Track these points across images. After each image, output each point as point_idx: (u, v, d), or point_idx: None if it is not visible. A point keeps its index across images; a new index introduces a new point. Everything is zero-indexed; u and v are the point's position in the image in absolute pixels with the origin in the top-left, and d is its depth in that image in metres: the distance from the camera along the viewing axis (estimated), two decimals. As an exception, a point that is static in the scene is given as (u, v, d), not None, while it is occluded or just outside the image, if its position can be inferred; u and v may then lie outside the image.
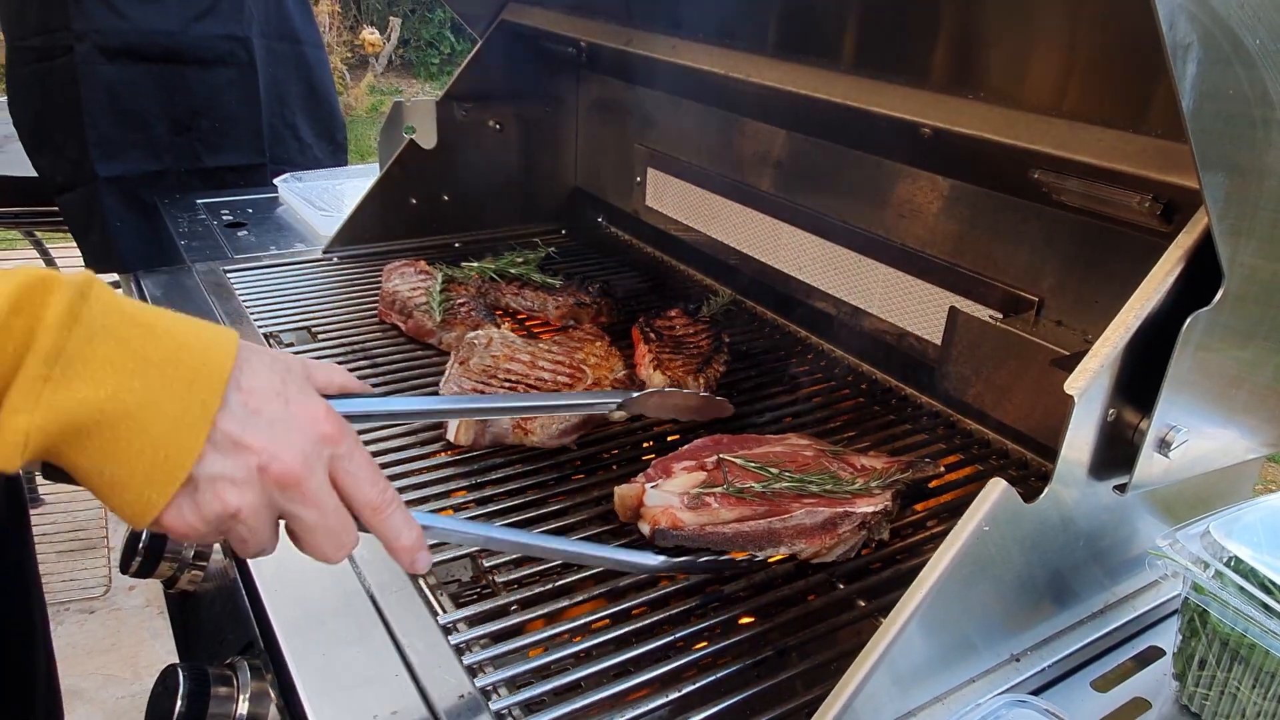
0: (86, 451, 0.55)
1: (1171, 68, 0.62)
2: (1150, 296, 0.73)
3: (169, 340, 0.57)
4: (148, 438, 0.55)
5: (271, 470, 0.60)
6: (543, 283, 1.58)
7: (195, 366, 0.58)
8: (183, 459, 0.57)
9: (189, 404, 0.57)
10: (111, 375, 0.54)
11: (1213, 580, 0.78)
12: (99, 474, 0.56)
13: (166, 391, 0.56)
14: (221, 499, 0.59)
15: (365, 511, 0.67)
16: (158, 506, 0.57)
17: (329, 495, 0.65)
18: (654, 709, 0.79)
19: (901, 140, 1.11)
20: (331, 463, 0.64)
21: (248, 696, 0.87)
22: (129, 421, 0.55)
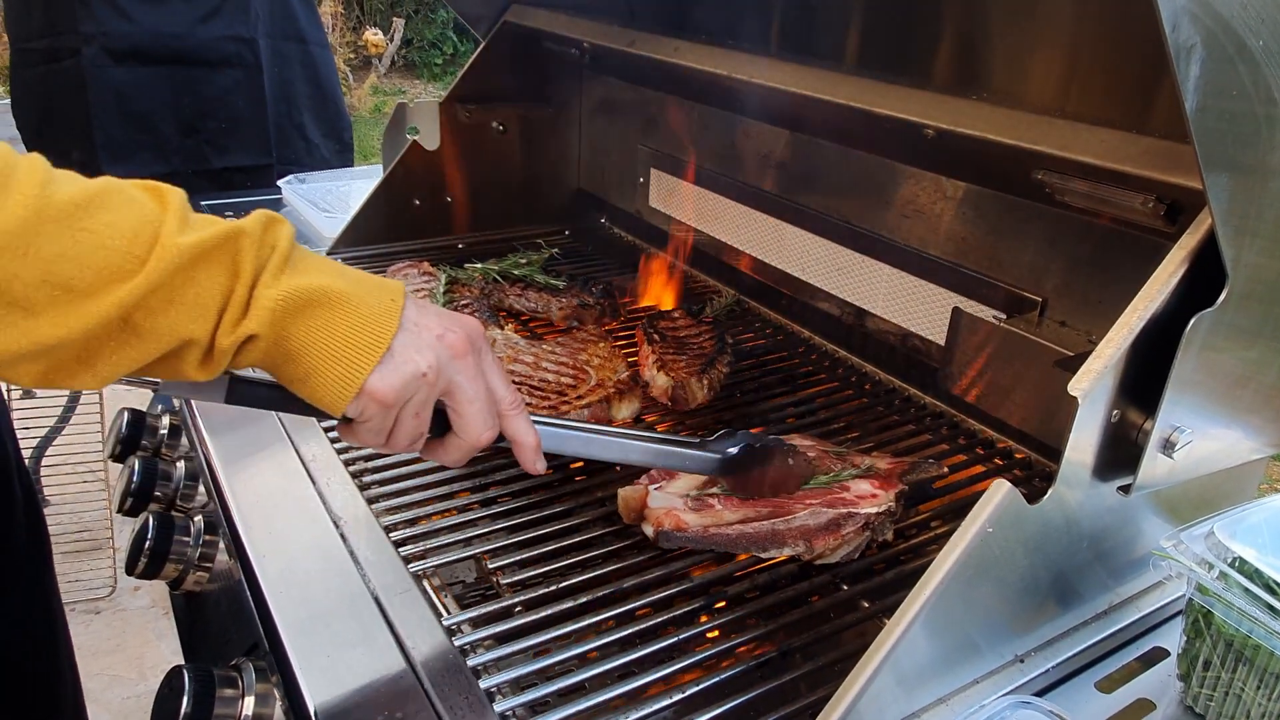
0: (313, 325, 0.69)
1: (1175, 69, 0.62)
2: (1154, 297, 0.73)
3: (350, 269, 0.75)
4: (358, 315, 0.71)
5: (447, 339, 0.75)
6: (546, 284, 1.59)
7: (379, 281, 0.75)
8: (386, 329, 0.72)
9: (382, 298, 0.73)
10: (324, 275, 0.71)
11: (1217, 581, 0.78)
12: (319, 346, 0.70)
13: (364, 289, 0.72)
14: (414, 360, 0.73)
15: (503, 405, 0.81)
16: (366, 370, 0.71)
17: (481, 375, 0.79)
18: (658, 710, 0.79)
19: (904, 141, 1.11)
20: (480, 355, 0.79)
21: (253, 698, 0.87)
22: (343, 302, 0.70)
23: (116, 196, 0.63)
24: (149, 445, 1.40)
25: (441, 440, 0.81)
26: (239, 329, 0.67)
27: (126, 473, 1.30)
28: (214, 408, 1.19)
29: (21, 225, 0.58)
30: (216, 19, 2.27)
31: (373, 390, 0.71)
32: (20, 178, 0.60)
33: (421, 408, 0.76)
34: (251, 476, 1.06)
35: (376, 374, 0.71)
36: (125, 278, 0.62)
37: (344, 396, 0.71)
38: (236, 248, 0.66)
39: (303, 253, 0.72)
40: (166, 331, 0.64)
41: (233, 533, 0.98)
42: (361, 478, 1.07)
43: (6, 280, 0.58)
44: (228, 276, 0.66)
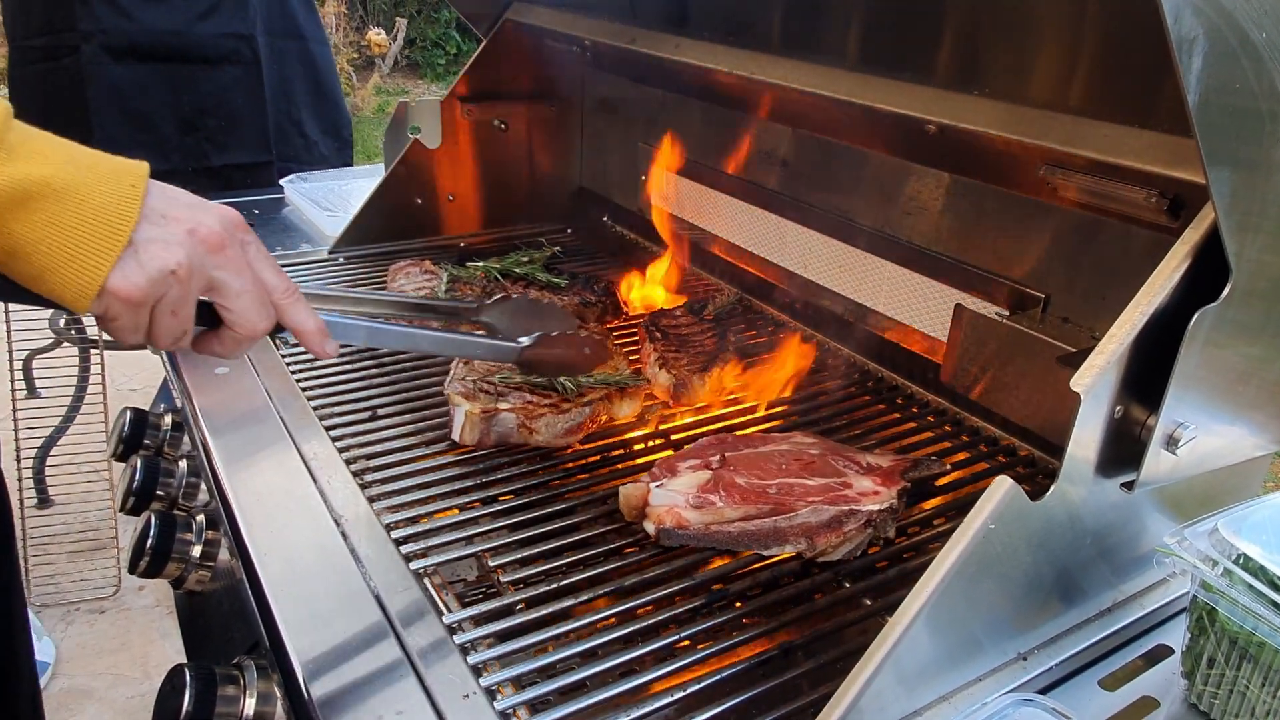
0: (38, 221, 0.63)
1: (1177, 63, 0.61)
2: (1157, 293, 0.73)
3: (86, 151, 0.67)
4: (89, 207, 0.64)
5: (199, 233, 0.69)
6: (548, 282, 1.58)
7: (119, 167, 0.68)
8: (124, 222, 0.65)
9: (119, 185, 0.66)
10: (48, 162, 0.64)
11: (1221, 578, 0.78)
12: (48, 245, 0.63)
13: (97, 177, 0.66)
14: (161, 256, 0.67)
15: (276, 294, 0.76)
16: (104, 269, 0.65)
17: (248, 266, 0.74)
18: (660, 708, 0.79)
19: (906, 137, 1.10)
20: (243, 246, 0.74)
21: (254, 696, 0.87)
22: (71, 194, 0.64)
23: None
24: (151, 444, 1.40)
25: (216, 333, 0.76)
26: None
27: (128, 472, 1.30)
28: (215, 406, 1.19)
29: None
30: (215, 16, 2.27)
31: (115, 289, 0.66)
32: None
33: (179, 305, 0.70)
34: (253, 475, 1.06)
35: (118, 271, 0.66)
36: None
37: (84, 296, 0.65)
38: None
39: (24, 134, 0.65)
40: None
41: (234, 531, 0.98)
42: (362, 476, 1.07)
43: None
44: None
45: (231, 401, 1.21)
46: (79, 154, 0.67)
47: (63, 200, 0.64)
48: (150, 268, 0.67)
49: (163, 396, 2.68)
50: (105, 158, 0.68)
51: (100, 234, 0.65)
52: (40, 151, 0.65)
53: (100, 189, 0.66)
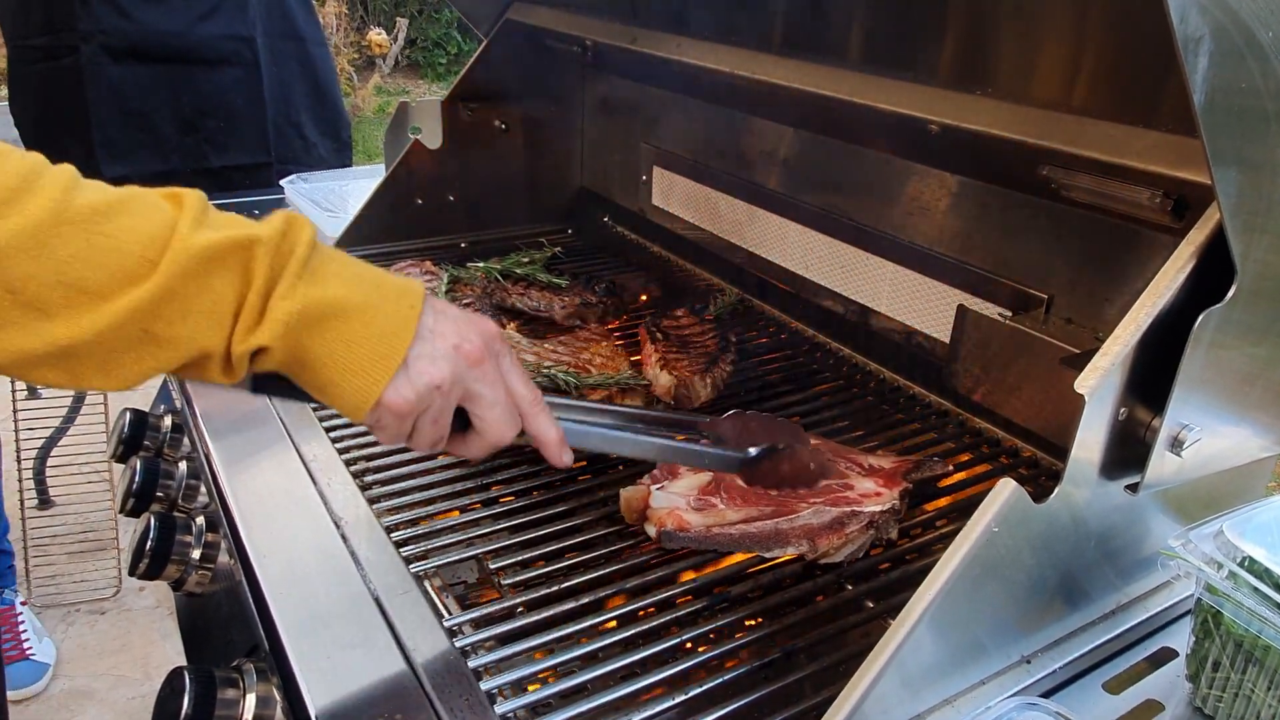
0: (330, 338, 0.70)
1: (1183, 62, 0.61)
2: (1161, 294, 0.72)
3: (372, 270, 0.74)
4: (373, 327, 0.71)
5: (463, 349, 0.75)
6: (549, 282, 1.58)
7: (398, 287, 0.74)
8: (400, 342, 0.72)
9: (400, 307, 0.73)
10: (342, 284, 0.70)
11: (1226, 581, 0.77)
12: (335, 359, 0.70)
13: (381, 297, 0.72)
14: (428, 372, 0.73)
15: (523, 405, 0.81)
16: (381, 383, 0.71)
17: (501, 379, 0.79)
18: (661, 711, 0.78)
19: (909, 137, 1.10)
20: (498, 358, 0.79)
21: (254, 699, 0.87)
22: (359, 314, 0.70)
23: (138, 203, 0.65)
24: (151, 446, 1.39)
25: (464, 436, 0.81)
26: (250, 339, 0.67)
27: (128, 473, 1.29)
28: (215, 408, 1.19)
29: (38, 227, 0.61)
30: (215, 17, 2.27)
31: (388, 403, 0.72)
32: (45, 183, 0.62)
33: (439, 415, 0.76)
34: (253, 477, 1.06)
35: (391, 387, 0.71)
36: (138, 281, 0.63)
37: (360, 408, 0.72)
38: (250, 255, 0.66)
39: (323, 257, 0.71)
40: (185, 340, 0.66)
41: (233, 533, 0.98)
42: (363, 478, 1.07)
43: (22, 281, 0.60)
44: (241, 283, 0.67)
45: (231, 403, 1.21)
46: (366, 274, 0.73)
47: (352, 320, 0.70)
48: (419, 383, 0.73)
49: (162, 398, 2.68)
50: (388, 277, 0.75)
51: (381, 352, 0.71)
52: (337, 273, 0.71)
53: (385, 309, 0.72)
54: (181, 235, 0.64)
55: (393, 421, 0.74)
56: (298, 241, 0.69)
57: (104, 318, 0.62)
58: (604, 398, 1.18)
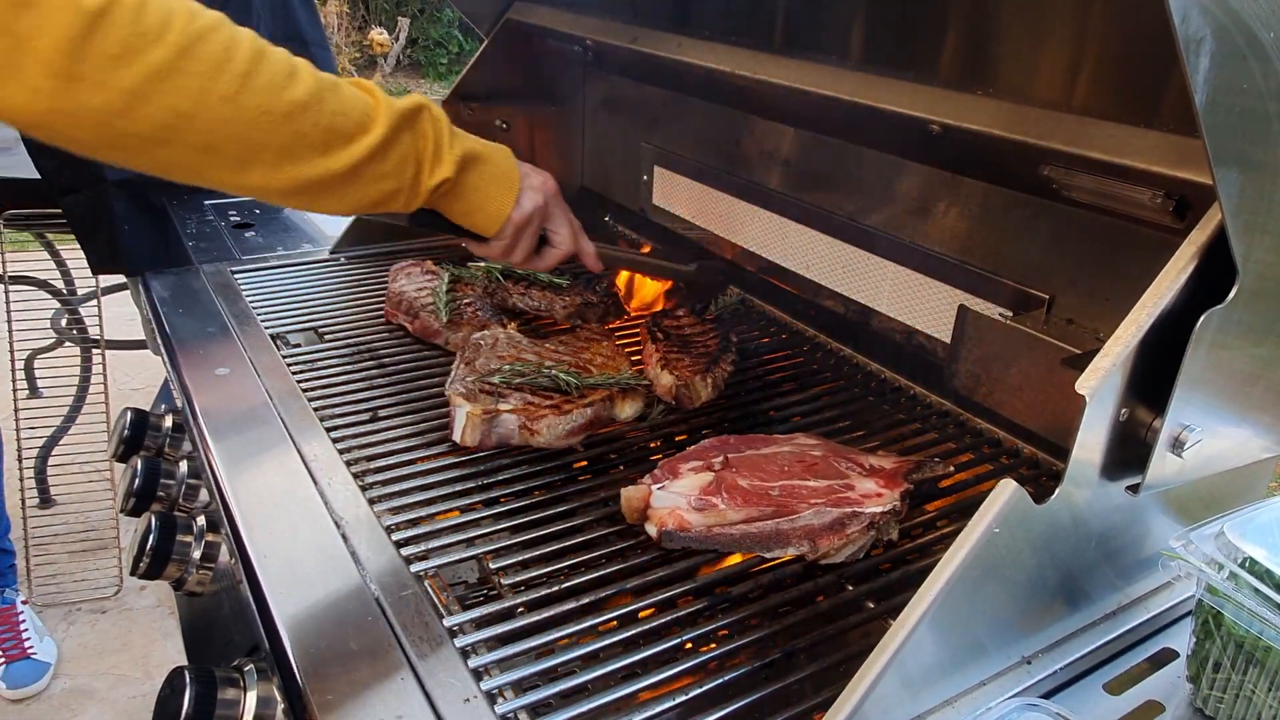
0: (476, 173, 1.07)
1: (1184, 62, 0.61)
2: (1163, 294, 0.72)
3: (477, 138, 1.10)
4: (499, 168, 1.10)
5: (549, 186, 1.16)
6: (549, 282, 1.58)
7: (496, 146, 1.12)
8: (516, 179, 1.11)
9: (506, 156, 1.12)
10: (472, 141, 1.07)
11: (1227, 581, 0.77)
12: (479, 191, 1.07)
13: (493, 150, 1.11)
14: (533, 198, 1.13)
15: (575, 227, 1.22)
16: (509, 204, 1.10)
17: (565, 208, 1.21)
18: (662, 712, 0.78)
19: (910, 137, 1.10)
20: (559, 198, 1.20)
21: (254, 699, 0.87)
22: (490, 158, 1.09)
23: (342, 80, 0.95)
24: (152, 445, 1.39)
25: (540, 253, 1.20)
26: (437, 173, 1.01)
27: (129, 473, 1.29)
28: (216, 408, 1.19)
29: (316, 89, 0.90)
30: (219, 18, 2.27)
31: (513, 218, 1.11)
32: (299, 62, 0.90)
33: (536, 231, 1.16)
34: (253, 477, 1.06)
35: (516, 208, 1.10)
36: (368, 130, 0.94)
37: (496, 223, 1.10)
38: (421, 118, 0.99)
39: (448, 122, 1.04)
40: (391, 175, 0.97)
41: (234, 533, 0.98)
42: (363, 478, 1.07)
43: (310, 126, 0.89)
44: (420, 137, 0.99)
45: (232, 402, 1.21)
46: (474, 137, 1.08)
47: (485, 162, 1.08)
48: (528, 205, 1.12)
49: (163, 397, 2.68)
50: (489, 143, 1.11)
51: (507, 184, 1.10)
52: (464, 134, 1.06)
53: (497, 156, 1.10)
54: (388, 101, 0.97)
55: (511, 233, 1.11)
56: (439, 113, 1.03)
57: (352, 155, 0.92)
58: (605, 398, 1.18)
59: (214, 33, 0.83)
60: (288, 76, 0.87)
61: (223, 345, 1.36)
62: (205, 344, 1.36)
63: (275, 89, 0.86)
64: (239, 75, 0.83)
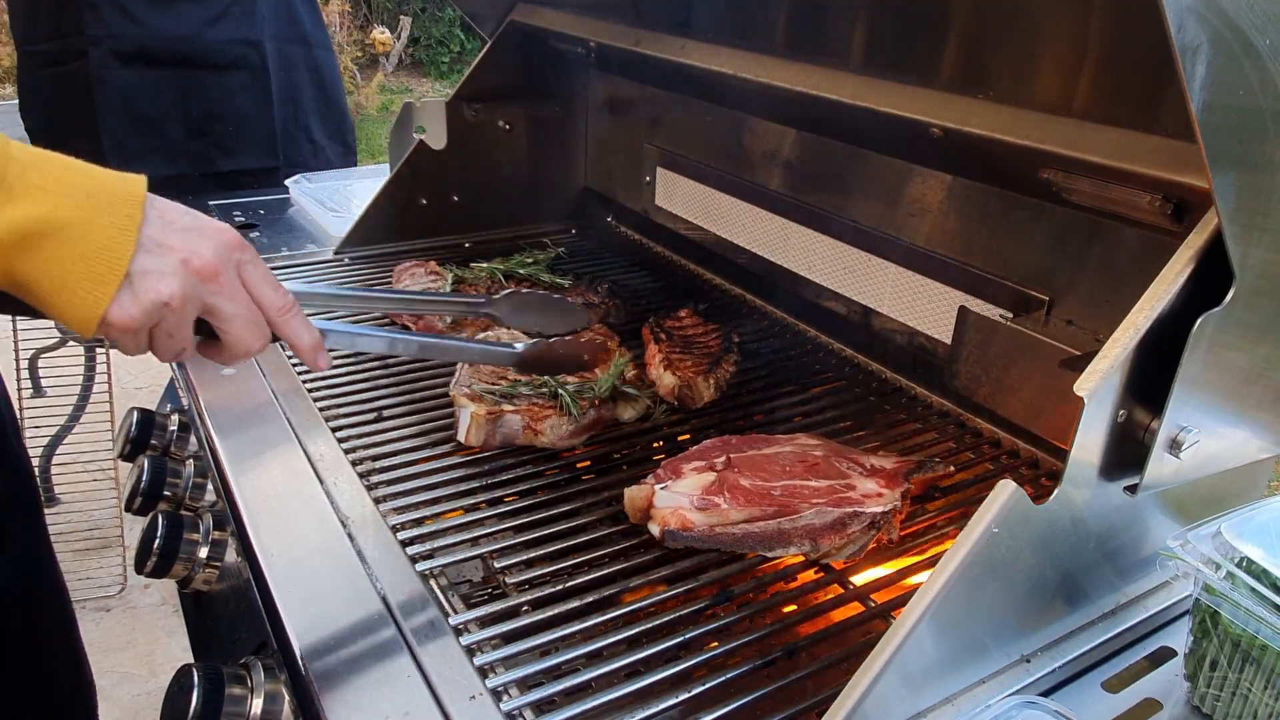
0: (39, 259, 0.66)
1: (1181, 68, 0.61)
2: (1160, 297, 0.73)
3: (85, 174, 0.69)
4: (89, 243, 0.67)
5: (193, 264, 0.72)
6: (552, 283, 1.59)
7: (115, 192, 0.70)
8: (120, 258, 0.69)
9: (116, 217, 0.69)
10: (48, 198, 0.66)
11: (1224, 581, 0.78)
12: (50, 280, 0.67)
13: (95, 209, 0.68)
14: (155, 288, 0.70)
15: (270, 312, 0.79)
16: (103, 303, 0.69)
17: (242, 290, 0.77)
18: (665, 709, 0.79)
19: (911, 140, 1.10)
20: (239, 267, 0.77)
21: (261, 696, 0.88)
22: (70, 231, 0.67)
23: None
24: (158, 444, 1.40)
25: (216, 344, 0.80)
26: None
27: (136, 472, 1.30)
28: (222, 408, 1.20)
29: None
30: (223, 22, 2.28)
31: (114, 320, 0.70)
32: None
33: (175, 330, 0.74)
34: (259, 476, 1.07)
35: (115, 305, 0.70)
36: None
37: (86, 326, 0.70)
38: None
39: (23, 166, 0.67)
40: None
41: (241, 532, 0.99)
42: (368, 477, 1.08)
43: None
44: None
45: (238, 402, 1.22)
46: (76, 179, 0.69)
47: (61, 239, 0.67)
48: (144, 300, 0.71)
49: (169, 397, 2.69)
50: (104, 181, 0.70)
51: (98, 271, 0.68)
52: (39, 185, 0.67)
53: (98, 223, 0.68)
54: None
55: (124, 336, 0.73)
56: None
57: None
58: (607, 399, 1.19)
59: None
60: None
61: (228, 345, 1.36)
62: (211, 344, 1.36)
63: None
64: None
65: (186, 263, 0.72)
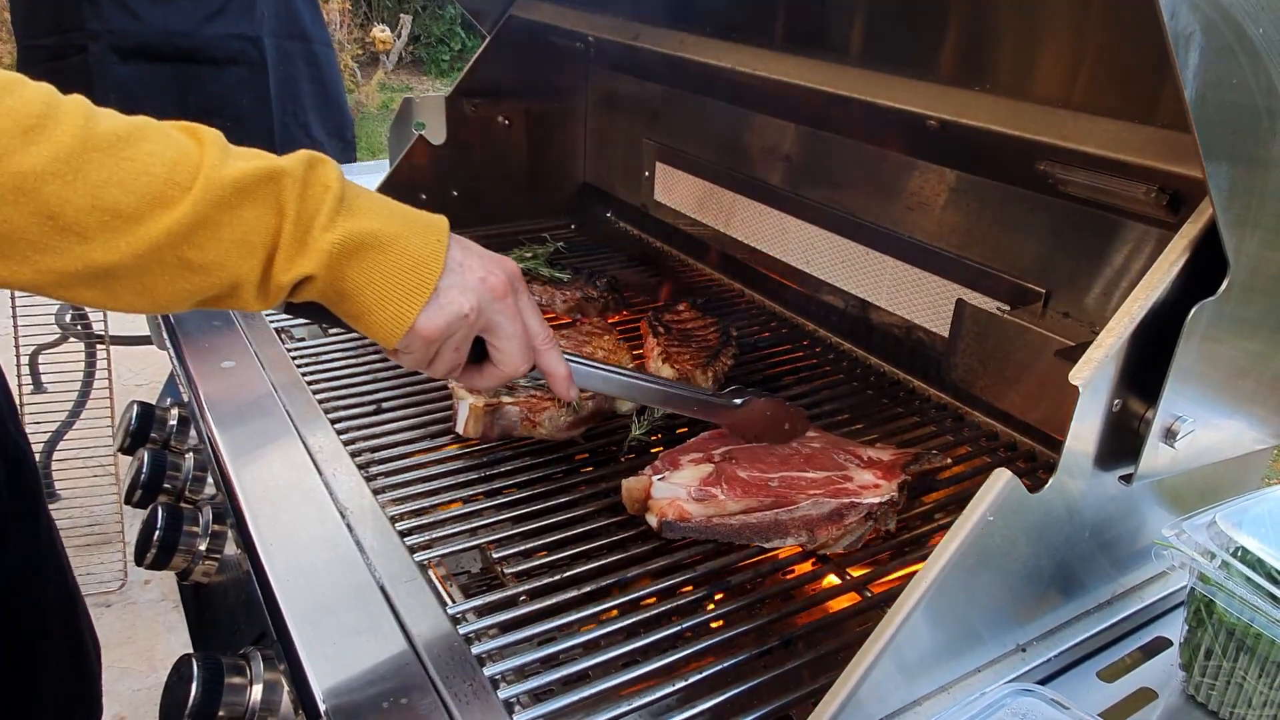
0: (366, 268, 0.74)
1: (1174, 58, 0.62)
2: (1155, 287, 0.73)
3: (398, 203, 0.79)
4: (408, 258, 0.75)
5: (489, 282, 0.80)
6: (550, 277, 1.59)
7: (426, 220, 0.79)
8: (432, 273, 0.76)
9: (429, 239, 0.77)
10: (375, 217, 0.75)
11: (1219, 571, 0.78)
12: (372, 289, 0.74)
13: (412, 230, 0.76)
14: (457, 302, 0.78)
15: (537, 340, 0.87)
16: (414, 312, 0.76)
17: (519, 314, 0.84)
18: (661, 697, 0.79)
19: (909, 133, 1.11)
20: (519, 296, 0.85)
21: (260, 686, 0.88)
22: (396, 245, 0.75)
23: (155, 130, 0.68)
24: (158, 437, 1.41)
25: (479, 367, 0.87)
26: (295, 268, 0.71)
27: (135, 465, 1.31)
28: (222, 400, 1.20)
29: (70, 153, 0.62)
30: (222, 17, 2.28)
31: (420, 330, 0.77)
32: (67, 109, 0.64)
33: (462, 343, 0.82)
34: (259, 468, 1.07)
35: (424, 315, 0.76)
36: (170, 205, 0.66)
37: (395, 334, 0.76)
38: (278, 187, 0.70)
39: (355, 191, 0.76)
40: (217, 267, 0.69)
41: (240, 524, 0.99)
42: (367, 469, 1.08)
43: (59, 206, 0.62)
44: (273, 215, 0.70)
45: (237, 394, 1.22)
46: (396, 208, 0.78)
47: (387, 251, 0.74)
48: (448, 311, 0.78)
49: (169, 391, 2.69)
50: (415, 212, 0.79)
51: (414, 282, 0.76)
52: (369, 207, 0.75)
53: (415, 241, 0.76)
54: (212, 164, 0.68)
55: (420, 347, 0.79)
56: (329, 176, 0.73)
57: (139, 241, 0.65)
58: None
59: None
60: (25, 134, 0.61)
61: (228, 339, 1.37)
62: (211, 337, 1.37)
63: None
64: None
65: (483, 281, 0.80)
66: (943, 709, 0.78)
